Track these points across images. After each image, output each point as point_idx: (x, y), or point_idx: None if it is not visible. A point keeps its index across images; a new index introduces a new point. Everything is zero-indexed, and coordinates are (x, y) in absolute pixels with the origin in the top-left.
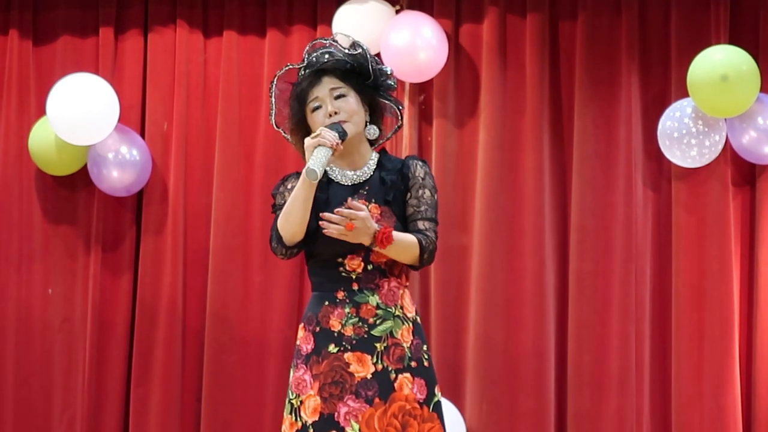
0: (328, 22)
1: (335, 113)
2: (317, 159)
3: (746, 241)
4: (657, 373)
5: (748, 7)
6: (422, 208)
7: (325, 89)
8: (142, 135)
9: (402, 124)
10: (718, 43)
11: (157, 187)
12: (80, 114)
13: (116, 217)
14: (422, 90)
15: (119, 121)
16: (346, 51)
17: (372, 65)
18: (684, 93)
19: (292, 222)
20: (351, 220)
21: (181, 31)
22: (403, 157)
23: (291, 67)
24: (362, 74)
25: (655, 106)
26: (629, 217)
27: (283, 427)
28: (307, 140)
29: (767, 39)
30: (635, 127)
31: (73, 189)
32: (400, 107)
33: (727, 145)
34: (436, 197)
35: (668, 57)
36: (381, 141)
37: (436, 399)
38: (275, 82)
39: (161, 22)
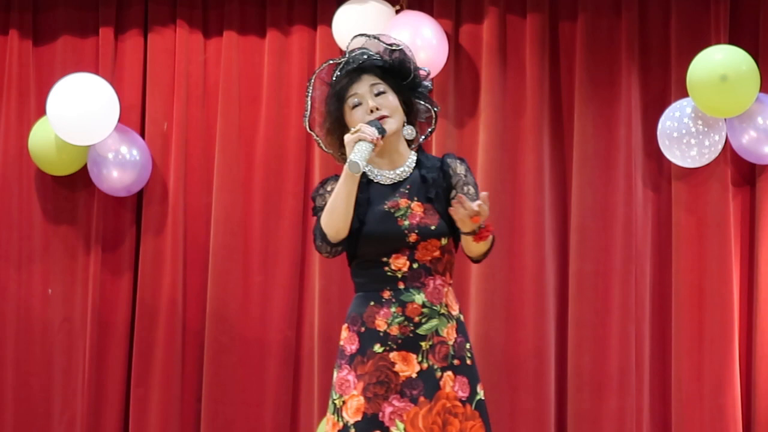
0: (328, 22)
1: (376, 109)
2: (359, 152)
3: (746, 241)
4: (657, 373)
5: (748, 7)
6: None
7: (365, 86)
8: (142, 135)
9: (435, 128)
10: (717, 43)
11: (157, 187)
12: (80, 114)
13: (116, 217)
14: None
15: (119, 121)
16: (387, 47)
17: (412, 65)
18: (684, 93)
19: (336, 218)
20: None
21: (181, 31)
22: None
23: (331, 62)
24: (400, 74)
25: (655, 106)
26: (629, 217)
27: (327, 427)
28: (347, 136)
29: (767, 39)
30: (635, 127)
31: (73, 189)
32: (436, 109)
33: (727, 145)
34: (478, 192)
35: (668, 57)
36: (416, 143)
37: (478, 397)
38: (313, 81)
39: (161, 22)
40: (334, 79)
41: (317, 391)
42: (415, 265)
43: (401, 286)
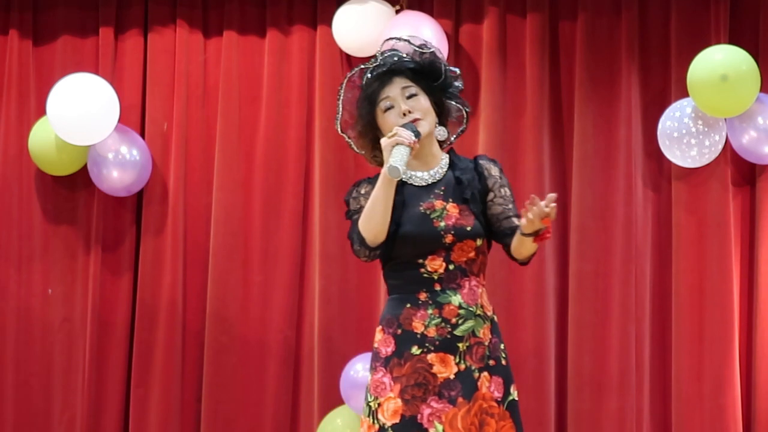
0: (328, 22)
1: (409, 112)
2: (398, 157)
3: (746, 241)
4: (657, 373)
5: (748, 7)
6: (510, 206)
7: (397, 89)
8: (142, 135)
9: (466, 127)
10: (718, 43)
11: (157, 187)
12: (80, 114)
13: (116, 217)
14: None
15: (119, 121)
16: (416, 49)
17: (443, 65)
18: (684, 93)
19: (374, 222)
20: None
21: (181, 31)
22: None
23: (362, 67)
24: (431, 75)
25: (655, 106)
26: (629, 217)
27: (362, 430)
28: (384, 140)
29: (767, 39)
30: (635, 127)
31: (73, 189)
32: (467, 109)
33: (727, 145)
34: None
35: (668, 57)
36: (447, 143)
37: (510, 398)
38: (344, 85)
39: (161, 22)
40: (364, 82)
41: (317, 391)
42: (451, 267)
43: (438, 287)
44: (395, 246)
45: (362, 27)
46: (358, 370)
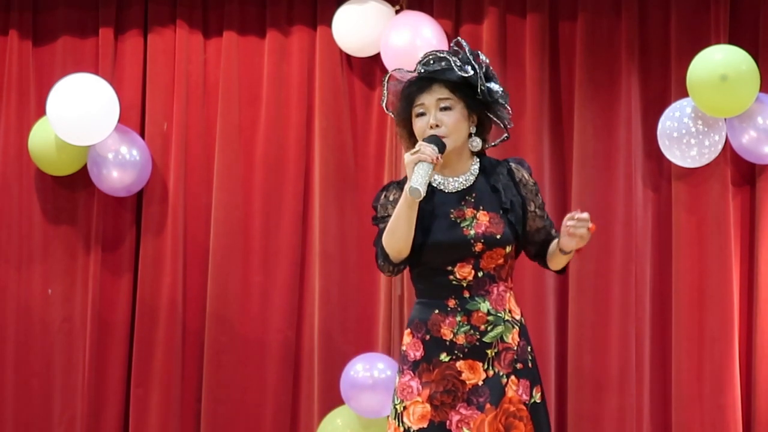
0: (328, 22)
1: (436, 126)
2: (419, 176)
3: (746, 241)
4: (657, 373)
5: (748, 7)
6: (545, 215)
7: (433, 98)
8: (142, 135)
9: (508, 137)
10: (717, 43)
11: (157, 187)
12: (80, 114)
13: (116, 217)
14: None
15: (119, 121)
16: (462, 62)
17: (481, 87)
18: (684, 93)
19: (397, 240)
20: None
21: (180, 32)
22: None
23: (407, 71)
24: (473, 89)
25: (655, 106)
26: (629, 217)
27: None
28: (407, 156)
29: (767, 39)
30: (635, 127)
31: (73, 189)
32: (509, 125)
33: (727, 145)
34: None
35: (668, 57)
36: (484, 148)
37: (533, 400)
38: (387, 79)
39: (161, 22)
40: (406, 84)
41: (317, 391)
42: (480, 274)
43: (466, 294)
44: (424, 253)
45: (362, 27)
46: (358, 370)
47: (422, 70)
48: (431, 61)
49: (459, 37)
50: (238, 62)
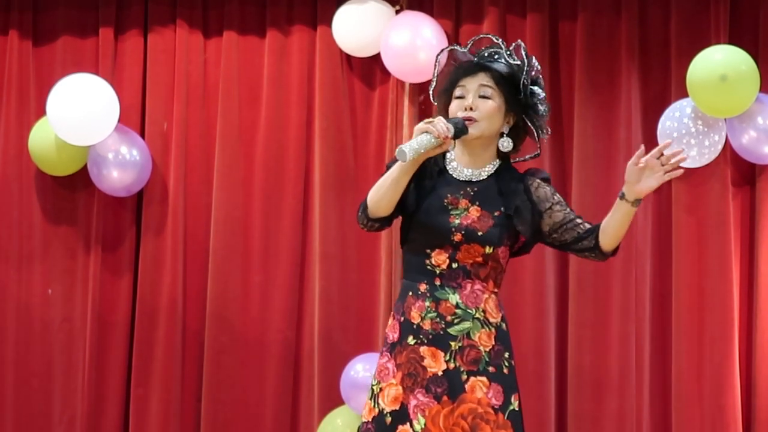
0: (328, 22)
1: (470, 109)
2: (414, 142)
3: (746, 241)
4: (657, 373)
5: (748, 7)
6: (569, 209)
7: (475, 83)
8: (142, 135)
9: (539, 153)
10: (717, 43)
11: (157, 187)
12: (80, 114)
13: (116, 217)
14: (422, 90)
15: (119, 121)
16: (517, 59)
17: (524, 80)
18: (684, 93)
19: (380, 197)
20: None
21: (181, 32)
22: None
23: (461, 51)
24: (517, 88)
25: (655, 106)
26: None
27: (364, 411)
28: (420, 124)
29: (767, 39)
30: (635, 127)
31: (73, 189)
32: (544, 135)
33: (727, 145)
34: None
35: (668, 57)
36: (514, 159)
37: (512, 407)
38: (440, 56)
39: (161, 22)
40: (455, 64)
41: (317, 391)
42: (454, 265)
43: (437, 282)
44: (411, 230)
45: (362, 27)
46: (358, 370)
47: (474, 59)
48: (484, 50)
49: (519, 40)
50: (238, 62)
